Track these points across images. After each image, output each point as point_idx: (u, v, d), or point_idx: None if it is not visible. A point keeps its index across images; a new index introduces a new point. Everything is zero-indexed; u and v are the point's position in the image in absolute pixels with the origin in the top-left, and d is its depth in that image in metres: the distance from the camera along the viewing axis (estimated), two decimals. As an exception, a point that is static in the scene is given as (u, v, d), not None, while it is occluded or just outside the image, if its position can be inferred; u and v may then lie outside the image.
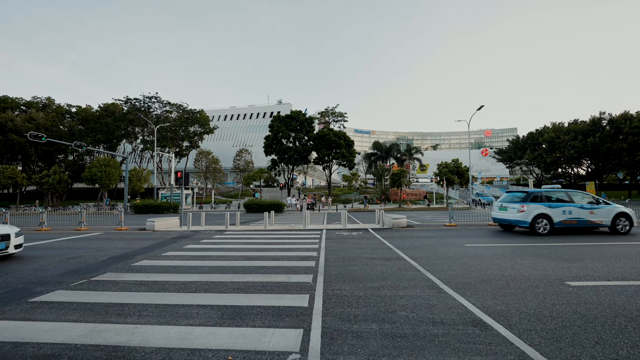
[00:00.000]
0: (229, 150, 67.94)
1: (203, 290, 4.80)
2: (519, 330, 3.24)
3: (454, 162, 37.38)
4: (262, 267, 6.28)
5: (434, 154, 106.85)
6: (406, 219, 14.24)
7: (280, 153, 43.39)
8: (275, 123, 44.17)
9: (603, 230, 11.24)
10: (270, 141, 44.00)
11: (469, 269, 5.88)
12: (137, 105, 47.67)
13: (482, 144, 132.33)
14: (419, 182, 70.35)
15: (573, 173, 53.75)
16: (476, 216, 16.50)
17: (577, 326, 3.31)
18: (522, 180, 64.13)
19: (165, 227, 14.42)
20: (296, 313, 3.81)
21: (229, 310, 3.91)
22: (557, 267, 5.91)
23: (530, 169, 58.15)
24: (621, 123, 43.24)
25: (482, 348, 2.88)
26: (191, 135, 50.67)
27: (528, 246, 8.37)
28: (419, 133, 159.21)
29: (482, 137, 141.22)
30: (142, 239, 11.04)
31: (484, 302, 4.10)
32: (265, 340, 3.09)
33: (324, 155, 43.17)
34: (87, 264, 6.84)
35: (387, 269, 6.07)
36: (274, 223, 15.77)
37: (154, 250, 8.61)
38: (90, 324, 3.52)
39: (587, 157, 46.87)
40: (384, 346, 2.94)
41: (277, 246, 8.97)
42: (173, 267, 6.42)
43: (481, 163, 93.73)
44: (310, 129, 44.75)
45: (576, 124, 48.72)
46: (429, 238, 10.27)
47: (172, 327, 3.42)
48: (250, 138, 79.81)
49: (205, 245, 9.29)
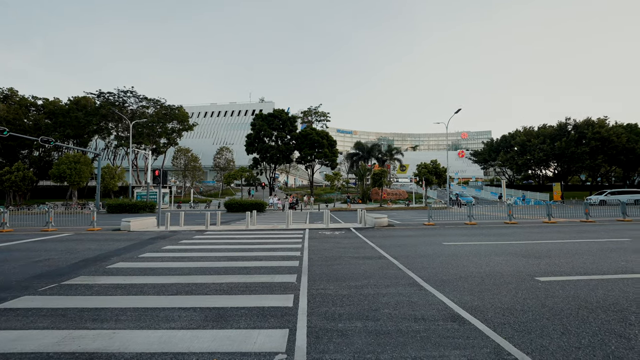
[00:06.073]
0: (209, 148, 66.24)
1: (184, 292, 4.69)
2: (494, 324, 3.43)
3: (433, 163, 38.53)
4: (245, 268, 6.22)
5: (414, 154, 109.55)
6: (387, 218, 14.55)
7: (262, 152, 42.89)
8: (257, 121, 43.59)
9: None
10: (252, 139, 43.38)
11: (447, 267, 6.11)
12: (111, 100, 45.31)
13: (459, 146, 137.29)
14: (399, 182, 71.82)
15: (542, 174, 56.98)
16: (453, 215, 17.13)
17: (545, 319, 3.55)
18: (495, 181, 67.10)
19: (142, 227, 13.88)
20: (281, 313, 3.81)
21: (212, 313, 3.84)
22: (528, 264, 6.27)
23: (503, 170, 60.96)
24: (584, 128, 46.31)
25: (461, 342, 3.02)
26: (169, 131, 48.84)
27: (501, 244, 8.81)
28: (399, 134, 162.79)
29: (459, 139, 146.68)
30: (117, 239, 10.58)
31: (461, 298, 4.30)
32: (251, 341, 3.08)
33: (306, 155, 43.14)
34: (56, 267, 6.47)
35: (369, 267, 6.19)
36: (256, 223, 15.59)
37: (131, 251, 8.28)
38: (63, 331, 3.35)
39: (555, 159, 49.78)
40: (368, 343, 3.02)
41: (259, 246, 8.89)
42: (152, 269, 6.21)
43: (458, 164, 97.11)
44: (293, 128, 44.56)
45: (545, 128, 51.64)
46: (409, 237, 10.56)
47: (153, 331, 3.33)
48: (231, 136, 78.29)
49: (185, 246, 9.05)
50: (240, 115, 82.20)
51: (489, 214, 18.51)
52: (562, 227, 12.71)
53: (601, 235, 10.36)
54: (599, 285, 4.78)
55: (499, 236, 10.44)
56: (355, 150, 54.70)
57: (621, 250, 7.56)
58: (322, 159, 43.94)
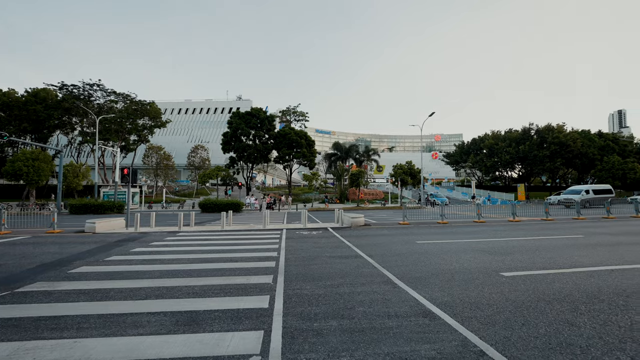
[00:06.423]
0: (183, 146, 63.90)
1: (154, 296, 4.49)
2: (462, 318, 3.60)
3: (408, 164, 39.73)
4: (220, 270, 6.07)
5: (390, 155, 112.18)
6: (364, 217, 14.79)
7: (240, 151, 42.04)
8: (234, 119, 42.66)
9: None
10: (228, 138, 42.39)
11: (420, 264, 6.33)
12: (75, 93, 42.33)
13: (432, 148, 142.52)
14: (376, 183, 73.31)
15: (508, 176, 60.53)
16: (427, 215, 17.75)
17: (508, 311, 3.78)
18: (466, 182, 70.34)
19: (109, 229, 13.12)
20: (256, 315, 3.76)
21: (184, 317, 3.72)
22: (494, 260, 6.64)
23: (473, 171, 64.09)
24: (545, 133, 49.84)
25: (431, 336, 3.15)
26: (140, 128, 46.46)
27: (470, 242, 9.25)
28: (376, 135, 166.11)
29: (432, 142, 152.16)
30: (81, 242, 9.92)
31: (432, 294, 4.47)
32: (225, 344, 3.02)
33: (284, 154, 42.83)
34: (9, 274, 5.95)
35: (345, 266, 6.27)
36: (232, 223, 15.26)
37: (96, 254, 7.80)
38: (14, 343, 3.09)
39: (519, 162, 53.14)
40: (343, 341, 3.06)
41: (235, 247, 8.71)
42: (119, 273, 5.89)
43: (432, 165, 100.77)
44: (271, 127, 44.06)
45: (511, 132, 54.95)
46: (384, 236, 10.81)
47: (119, 339, 3.16)
48: (206, 134, 76.00)
49: (156, 248, 8.67)
50: (217, 113, 79.98)
51: (460, 214, 19.38)
52: (525, 225, 13.58)
53: (559, 232, 11.19)
54: (555, 279, 5.16)
55: (468, 234, 10.96)
56: (333, 151, 55.08)
57: (575, 246, 8.21)
58: (301, 158, 43.82)
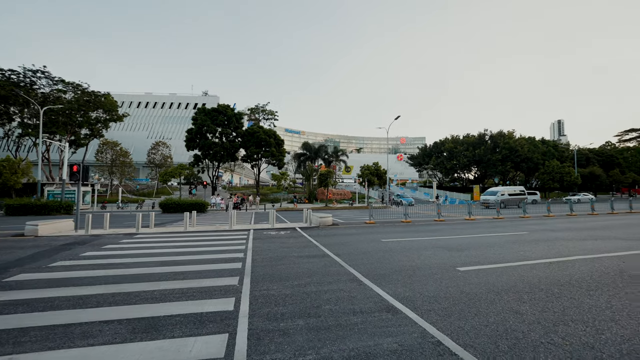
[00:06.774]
0: (143, 142, 59.92)
1: (108, 303, 4.18)
2: (421, 311, 3.81)
3: (375, 165, 41.02)
4: (182, 273, 5.80)
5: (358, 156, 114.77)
6: (332, 217, 15.00)
7: (205, 148, 40.39)
8: (199, 115, 40.90)
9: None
10: (193, 135, 40.53)
11: (384, 262, 6.58)
12: (14, 79, 37.75)
13: (398, 150, 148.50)
14: (344, 183, 74.62)
15: (465, 177, 64.95)
16: (392, 214, 18.47)
17: (462, 303, 4.08)
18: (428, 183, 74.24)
19: (54, 231, 11.91)
20: (221, 318, 3.67)
21: (141, 323, 3.51)
22: (451, 256, 7.11)
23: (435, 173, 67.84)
24: (498, 139, 54.30)
25: (393, 330, 3.30)
26: (93, 121, 42.60)
27: (430, 239, 9.80)
28: (345, 136, 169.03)
29: (398, 144, 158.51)
30: (20, 247, 8.89)
31: (395, 290, 4.68)
32: (187, 349, 2.90)
33: (253, 153, 41.94)
34: None
35: (313, 266, 6.32)
36: (195, 224, 14.64)
37: (38, 260, 7.05)
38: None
39: (475, 165, 57.31)
40: (309, 340, 3.09)
41: (199, 249, 8.38)
42: (66, 280, 5.38)
43: (397, 167, 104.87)
44: (239, 125, 42.91)
45: (468, 137, 59.03)
46: (351, 235, 11.06)
47: (66, 351, 2.90)
48: (169, 130, 72.02)
49: (110, 252, 8.05)
50: (181, 108, 76.07)
51: (422, 213, 20.41)
52: (479, 224, 14.69)
53: (508, 229, 12.26)
54: (503, 272, 5.66)
55: (429, 232, 11.60)
56: (303, 151, 55.05)
57: (521, 242, 9.06)
58: (269, 158, 43.20)
